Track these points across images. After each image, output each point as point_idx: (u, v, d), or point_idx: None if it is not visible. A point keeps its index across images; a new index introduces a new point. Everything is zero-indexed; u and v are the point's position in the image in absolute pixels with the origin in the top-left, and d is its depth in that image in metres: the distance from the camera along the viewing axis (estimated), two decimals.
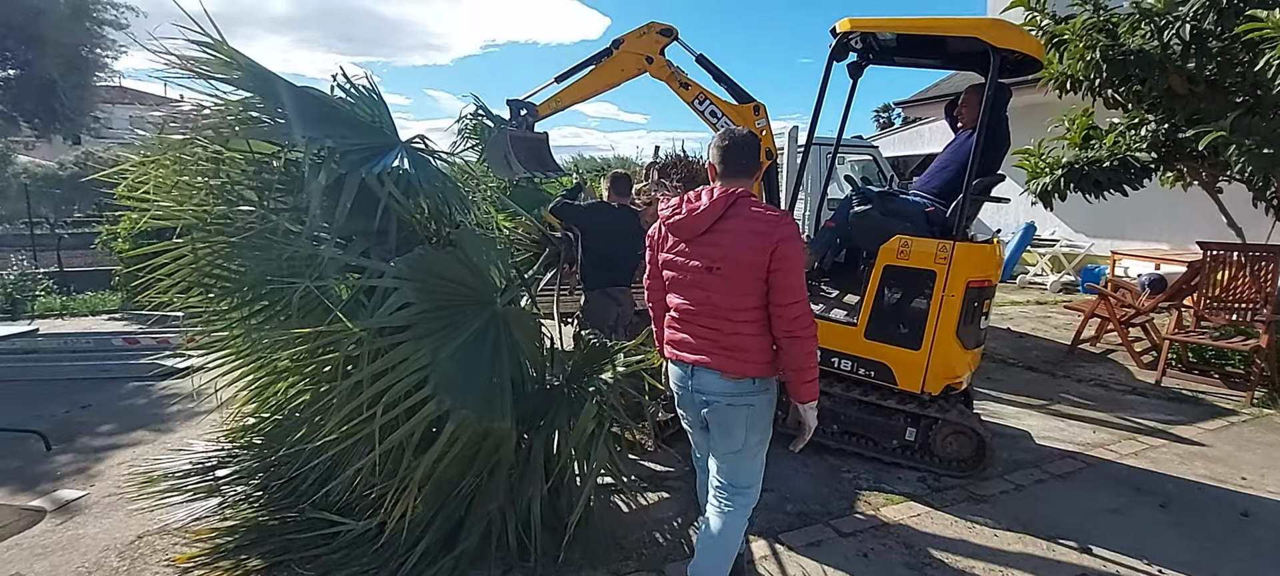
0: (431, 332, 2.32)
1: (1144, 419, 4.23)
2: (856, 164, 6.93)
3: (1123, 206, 5.57)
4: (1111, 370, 5.36)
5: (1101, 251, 8.91)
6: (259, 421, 3.23)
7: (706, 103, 4.10)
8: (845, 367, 3.51)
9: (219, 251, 2.83)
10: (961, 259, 3.21)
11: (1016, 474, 3.41)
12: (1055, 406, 4.48)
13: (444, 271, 2.49)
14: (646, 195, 5.06)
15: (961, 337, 3.30)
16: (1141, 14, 4.50)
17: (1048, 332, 6.68)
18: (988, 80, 3.22)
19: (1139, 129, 4.98)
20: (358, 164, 2.37)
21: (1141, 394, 4.75)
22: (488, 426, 2.27)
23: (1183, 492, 3.22)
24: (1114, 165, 4.89)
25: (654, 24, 4.21)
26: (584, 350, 2.89)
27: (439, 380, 2.22)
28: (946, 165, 3.61)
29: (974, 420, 3.40)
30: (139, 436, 3.90)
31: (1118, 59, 4.49)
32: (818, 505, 3.07)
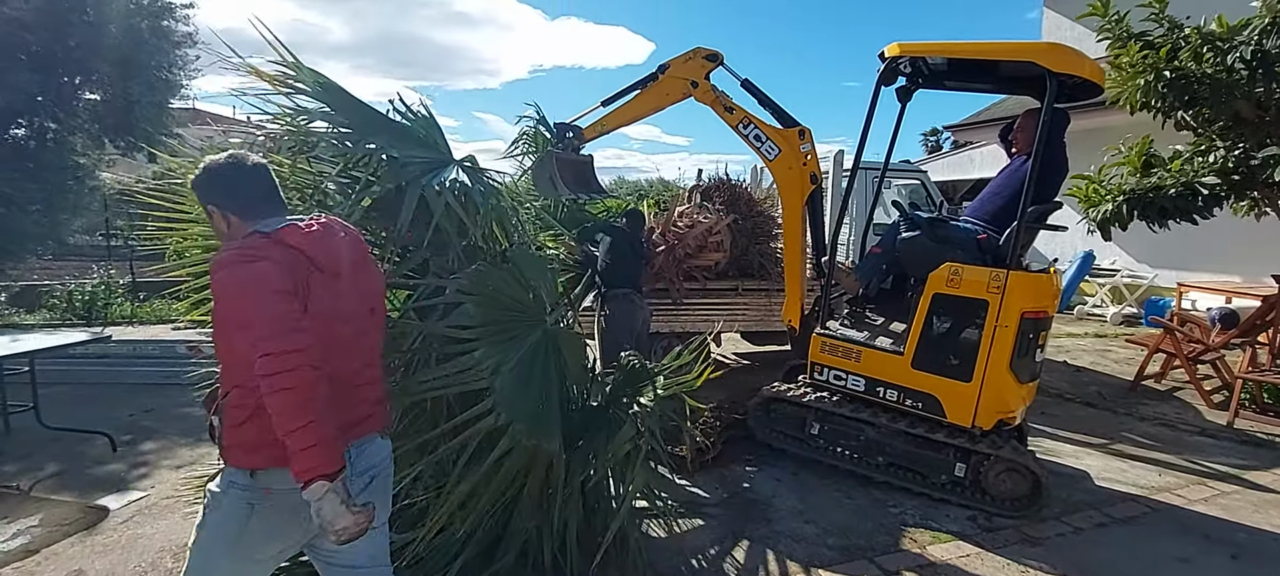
0: (494, 346, 2.36)
1: (1214, 462, 3.96)
2: (904, 188, 6.80)
3: (1189, 236, 5.28)
4: (1178, 409, 5.06)
5: (1166, 283, 8.46)
6: None
7: (751, 127, 4.10)
8: (891, 397, 3.42)
9: None
10: (1016, 288, 3.10)
11: (1074, 516, 3.24)
12: (1116, 446, 4.24)
13: (502, 287, 2.53)
14: (689, 218, 5.06)
15: (1015, 371, 3.18)
16: (1202, 39, 4.31)
17: (1108, 367, 6.36)
18: (1043, 105, 3.13)
19: (1207, 155, 4.73)
20: (418, 176, 2.45)
21: (1211, 436, 4.47)
22: (537, 444, 2.29)
23: (1257, 543, 3.00)
24: (1180, 192, 4.64)
25: (700, 49, 4.24)
26: (624, 370, 2.89)
27: (499, 394, 2.25)
28: (999, 191, 3.51)
29: (1028, 457, 3.25)
30: (197, 440, 4.07)
31: (1179, 83, 4.30)
32: (861, 540, 2.98)
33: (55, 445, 3.82)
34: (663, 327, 4.91)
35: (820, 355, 3.63)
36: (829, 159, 6.28)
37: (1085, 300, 9.36)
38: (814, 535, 3.01)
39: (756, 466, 3.72)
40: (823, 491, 3.46)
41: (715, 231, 4.98)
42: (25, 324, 7.80)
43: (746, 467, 3.70)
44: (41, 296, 8.66)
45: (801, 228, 4.06)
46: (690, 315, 5.04)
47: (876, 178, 4.38)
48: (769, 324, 5.15)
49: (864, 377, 3.49)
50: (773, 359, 5.84)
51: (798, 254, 4.07)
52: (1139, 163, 4.83)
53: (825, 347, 3.62)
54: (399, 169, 2.43)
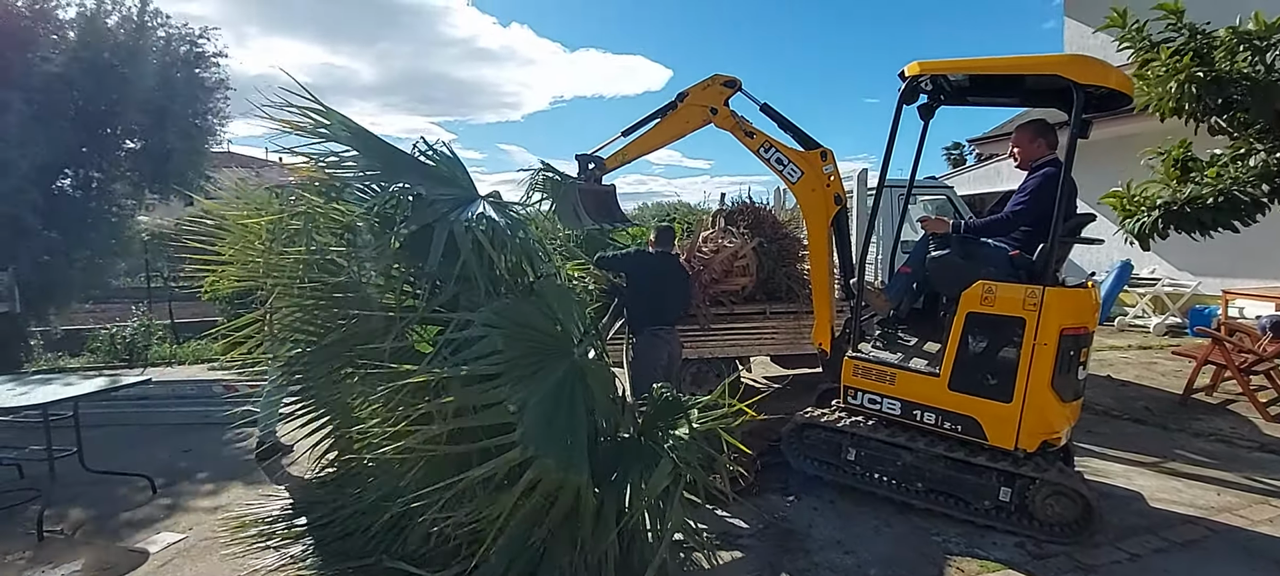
0: (520, 380, 2.36)
1: (1275, 480, 3.77)
2: (930, 204, 6.70)
3: (1233, 242, 5.09)
4: (1233, 423, 4.84)
5: (1210, 290, 8.17)
6: (341, 471, 3.35)
7: (772, 150, 4.09)
8: (929, 421, 3.32)
9: (309, 310, 3.01)
10: (1053, 305, 3.01)
11: (1130, 541, 3.09)
12: (1170, 464, 4.06)
13: (529, 320, 2.54)
14: (714, 242, 5.04)
15: (1058, 389, 3.08)
16: (1239, 38, 4.20)
17: (1154, 380, 6.12)
18: (1072, 117, 3.06)
19: (1247, 159, 4.58)
20: (446, 212, 2.48)
21: (1272, 451, 4.25)
22: (565, 477, 2.27)
23: None
24: (1219, 201, 4.49)
25: (717, 76, 4.27)
26: (657, 403, 2.87)
27: (526, 427, 2.25)
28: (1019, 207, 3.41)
29: (1077, 479, 3.13)
30: (233, 481, 4.12)
31: (1214, 84, 4.18)
32: (904, 571, 2.88)
33: (97, 488, 3.90)
34: (691, 354, 4.87)
35: (853, 379, 3.56)
36: (851, 178, 6.23)
37: (1126, 311, 9.08)
38: (855, 566, 2.92)
39: (793, 494, 3.63)
40: (861, 519, 3.36)
41: (741, 255, 4.95)
42: (70, 367, 8.05)
43: (785, 497, 3.61)
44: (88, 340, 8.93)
45: (828, 249, 4.01)
46: (718, 341, 4.99)
47: (902, 195, 4.33)
48: (798, 347, 5.07)
49: (899, 401, 3.41)
50: (804, 382, 5.74)
51: (825, 275, 4.01)
52: (1174, 173, 4.69)
53: (858, 371, 3.54)
54: (427, 207, 2.47)
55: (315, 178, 2.79)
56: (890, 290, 3.79)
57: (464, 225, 2.43)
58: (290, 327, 3.14)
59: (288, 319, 3.14)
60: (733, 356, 5.17)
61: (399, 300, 2.79)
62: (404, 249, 2.68)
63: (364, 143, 2.70)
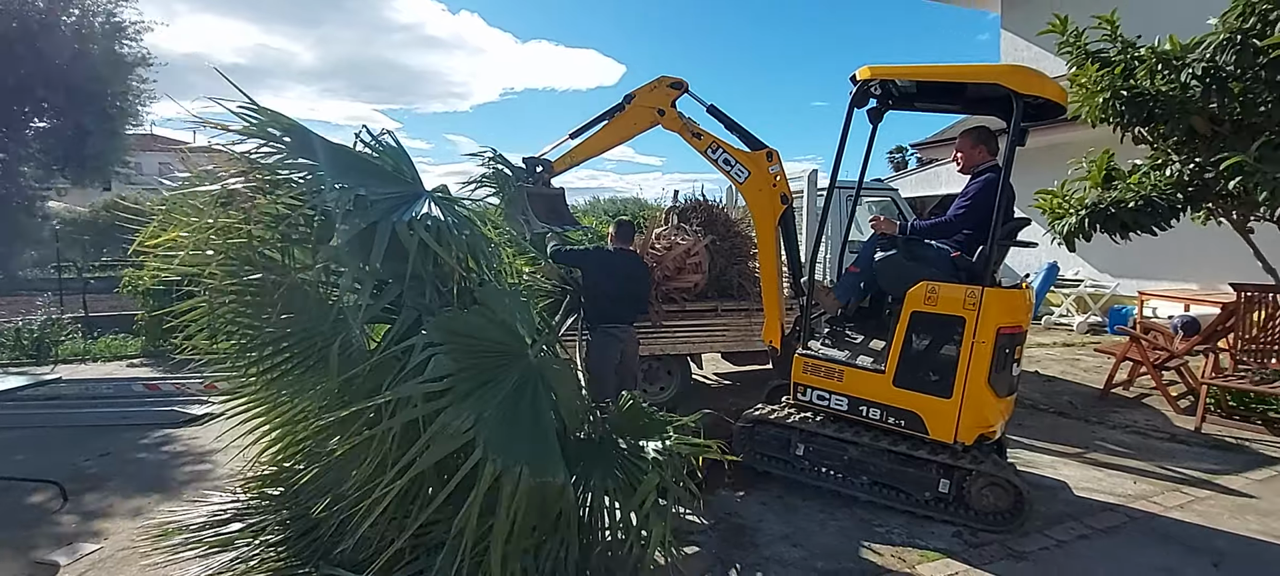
0: (470, 393, 2.29)
1: (1187, 468, 4.05)
2: (875, 205, 6.90)
3: (1148, 246, 5.46)
4: (1148, 416, 5.18)
5: (1127, 291, 8.74)
6: (278, 473, 3.18)
7: (719, 151, 4.12)
8: (874, 416, 3.42)
9: (243, 304, 2.84)
10: (991, 305, 3.14)
11: (1056, 528, 3.26)
12: (1092, 455, 4.31)
13: (471, 330, 2.47)
14: (667, 239, 5.05)
15: (994, 385, 3.21)
16: (1158, 58, 4.49)
17: (1077, 376, 6.50)
18: (1011, 125, 3.20)
19: (1163, 169, 4.91)
20: (388, 212, 2.39)
21: (1182, 441, 4.57)
22: (543, 480, 2.21)
23: (1237, 550, 3.05)
24: (1139, 205, 4.80)
25: (664, 78, 4.28)
26: (622, 409, 2.85)
27: (488, 439, 2.18)
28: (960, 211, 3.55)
29: (1010, 471, 3.27)
30: (155, 486, 3.87)
31: (1137, 99, 4.46)
32: (850, 563, 2.95)
33: (2, 497, 3.59)
34: (642, 351, 4.86)
35: (803, 376, 3.62)
36: (799, 178, 6.35)
37: (1052, 310, 9.60)
38: (802, 559, 2.97)
39: (742, 490, 3.67)
40: (808, 513, 3.43)
41: (693, 253, 4.97)
42: None
43: (735, 493, 3.65)
44: None
45: (776, 248, 4.07)
46: (670, 337, 5.00)
47: (850, 197, 4.43)
48: (749, 344, 5.14)
49: (847, 397, 3.49)
50: (754, 378, 5.82)
51: (773, 274, 4.07)
52: (1100, 177, 4.99)
53: (808, 368, 3.61)
54: (368, 206, 2.37)
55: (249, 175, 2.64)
56: (839, 289, 3.88)
57: (405, 225, 2.34)
58: (224, 321, 2.96)
59: (221, 312, 2.96)
60: (685, 353, 5.19)
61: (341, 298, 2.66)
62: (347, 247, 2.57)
63: (302, 140, 2.57)
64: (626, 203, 15.47)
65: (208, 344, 3.00)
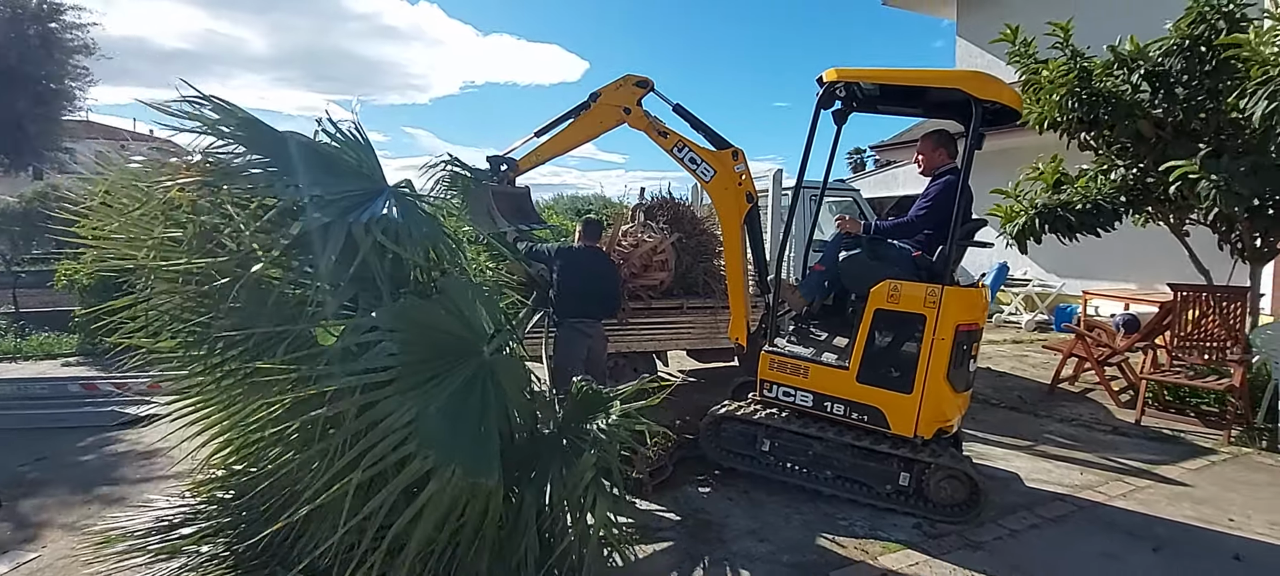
0: (417, 386, 2.23)
1: (1128, 459, 4.26)
2: (837, 205, 7.04)
3: (1092, 247, 5.73)
4: (1092, 409, 5.42)
5: (1073, 291, 9.13)
6: (228, 475, 3.06)
7: (685, 150, 4.14)
8: (838, 412, 3.48)
9: (191, 300, 2.72)
10: (950, 303, 3.23)
11: (1009, 518, 3.38)
12: (1041, 447, 4.49)
13: (429, 321, 2.41)
14: (633, 237, 5.04)
15: (952, 381, 3.31)
16: (1116, 58, 4.69)
17: (1027, 372, 6.76)
18: (970, 129, 3.30)
19: (1108, 174, 5.15)
20: (345, 212, 2.31)
21: (1123, 433, 4.80)
22: (474, 482, 2.17)
23: (1174, 536, 3.22)
24: (1086, 208, 5.03)
25: (630, 77, 4.28)
26: (577, 397, 2.81)
27: (425, 435, 2.13)
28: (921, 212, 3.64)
29: (967, 464, 3.38)
30: (96, 491, 3.68)
31: (1089, 101, 4.66)
32: (814, 555, 3.00)
33: None
34: (609, 347, 4.84)
35: (769, 372, 3.67)
36: (764, 178, 6.43)
37: (1002, 309, 9.96)
38: (768, 553, 3.01)
39: (709, 486, 3.70)
40: (774, 508, 3.47)
41: (660, 250, 4.97)
42: None
43: (700, 489, 3.67)
44: None
45: (742, 246, 4.11)
46: (636, 335, 5.00)
47: (815, 197, 4.50)
48: (715, 341, 5.18)
49: (812, 393, 3.55)
50: (720, 376, 5.87)
51: (739, 272, 4.11)
52: (1052, 180, 5.20)
53: (774, 365, 3.65)
54: (325, 205, 2.30)
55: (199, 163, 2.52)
56: (804, 287, 3.94)
57: (361, 226, 2.27)
58: (169, 317, 2.82)
59: (166, 308, 2.82)
60: (650, 350, 5.19)
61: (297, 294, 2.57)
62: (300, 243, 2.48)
63: (256, 135, 2.47)
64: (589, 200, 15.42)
65: (151, 342, 2.86)
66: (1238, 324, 4.93)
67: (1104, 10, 6.42)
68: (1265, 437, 4.52)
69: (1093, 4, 7.47)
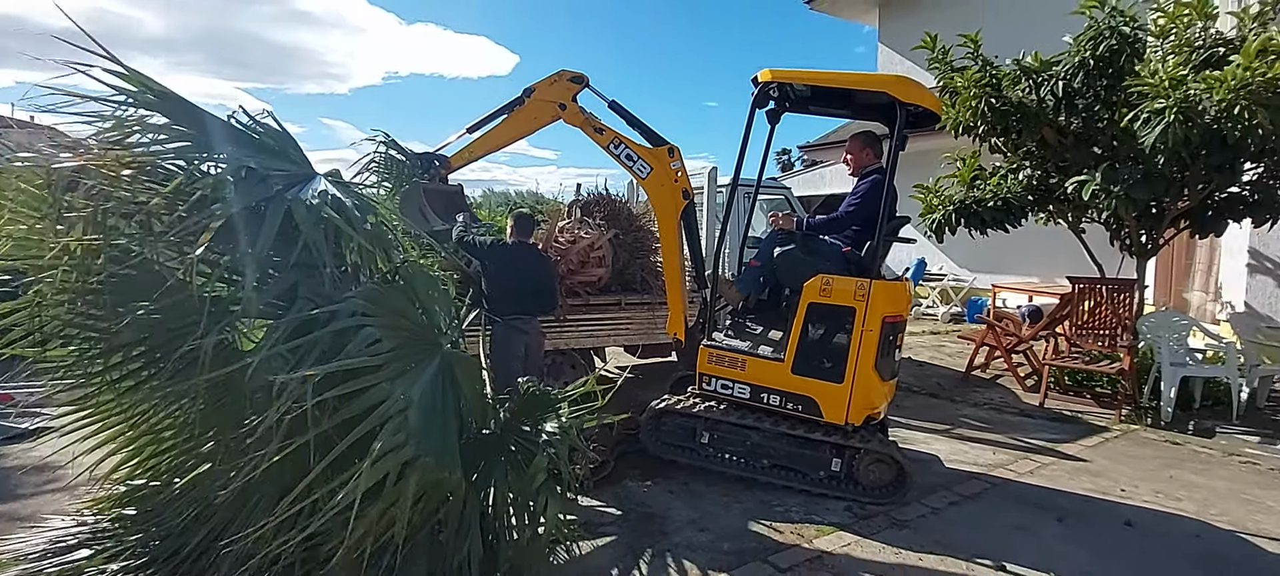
0: (403, 373, 2.13)
1: (1034, 438, 4.60)
2: (770, 203, 7.24)
3: (1000, 243, 6.16)
4: (1002, 394, 5.83)
5: (983, 285, 9.77)
6: (135, 491, 2.83)
7: (621, 147, 4.16)
8: (774, 402, 3.58)
9: (88, 304, 2.49)
10: (878, 295, 3.39)
11: (931, 497, 3.59)
12: (958, 430, 4.79)
13: (401, 309, 2.32)
14: (570, 233, 5.01)
15: (879, 370, 3.47)
16: (1022, 71, 5.06)
17: (944, 360, 7.19)
18: (895, 130, 3.47)
19: (1017, 174, 5.55)
20: (282, 190, 2.17)
21: (1029, 415, 5.19)
22: (444, 476, 2.11)
23: (1075, 506, 3.51)
24: (997, 205, 5.40)
25: (564, 72, 4.26)
26: (523, 398, 2.77)
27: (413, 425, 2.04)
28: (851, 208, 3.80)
29: (892, 448, 3.56)
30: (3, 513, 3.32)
31: (1001, 110, 5.02)
32: (753, 542, 3.08)
33: None
34: (546, 345, 4.80)
35: (708, 366, 3.74)
36: (699, 175, 6.54)
37: (920, 302, 10.54)
38: (709, 541, 3.07)
39: (650, 480, 3.73)
40: (713, 498, 3.54)
41: (597, 247, 4.96)
42: None
43: (641, 482, 3.70)
44: None
45: (678, 242, 4.16)
46: (574, 332, 4.97)
47: (748, 194, 4.62)
48: (653, 337, 5.22)
49: (749, 385, 3.64)
50: (658, 371, 5.92)
51: (677, 268, 4.17)
52: (968, 178, 5.56)
53: (712, 358, 3.72)
54: (258, 182, 2.15)
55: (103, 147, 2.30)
56: (740, 282, 4.03)
57: (306, 204, 2.14)
58: (65, 323, 2.57)
59: (60, 313, 2.57)
60: (589, 347, 5.18)
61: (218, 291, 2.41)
62: (223, 232, 2.32)
63: (173, 107, 2.29)
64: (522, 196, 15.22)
65: (37, 352, 2.60)
66: (1126, 313, 5.41)
67: (1011, 21, 6.90)
68: (1150, 415, 5.00)
69: (1000, 15, 8.01)
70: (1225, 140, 4.21)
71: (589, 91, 4.24)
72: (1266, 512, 3.47)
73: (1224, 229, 5.17)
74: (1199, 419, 5.03)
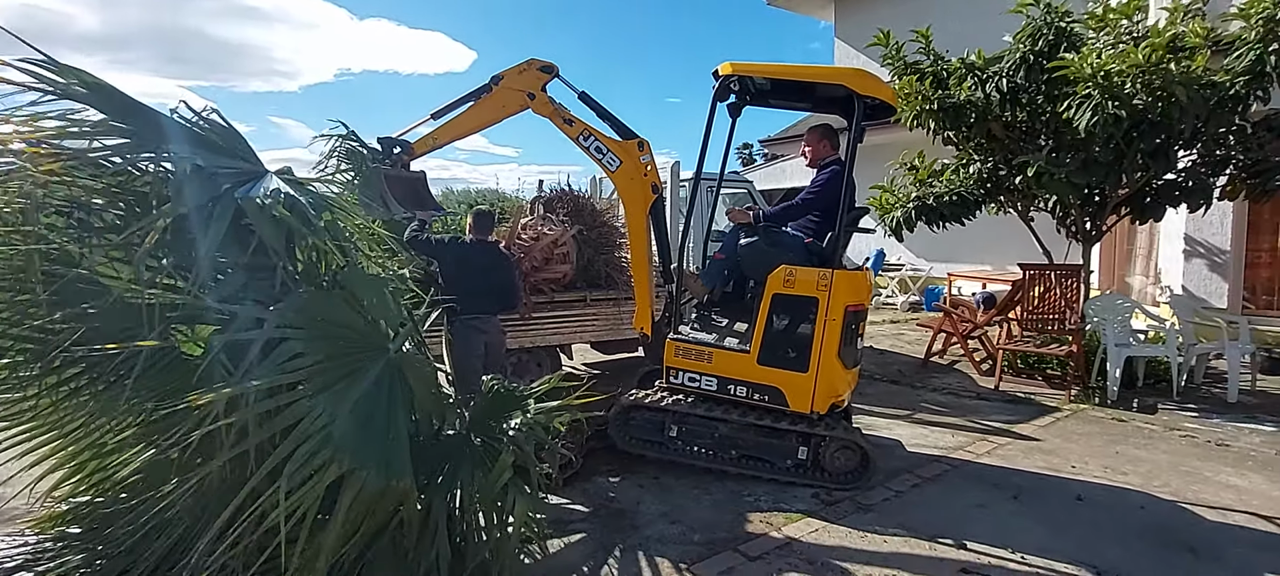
0: (329, 386, 2.07)
1: (990, 420, 4.76)
2: (732, 197, 7.31)
3: (956, 234, 6.34)
4: (959, 378, 6.01)
5: (939, 274, 10.06)
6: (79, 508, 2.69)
7: (591, 139, 4.12)
8: (741, 394, 3.62)
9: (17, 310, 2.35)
10: (840, 285, 3.45)
11: (895, 481, 3.68)
12: (919, 415, 4.92)
13: (336, 316, 2.24)
14: (533, 230, 4.96)
15: (842, 358, 3.53)
16: (967, 69, 5.22)
17: (903, 348, 7.37)
18: (853, 123, 3.53)
19: (968, 167, 5.72)
20: (231, 188, 2.09)
21: (985, 398, 5.36)
22: (386, 485, 2.05)
23: (1029, 484, 3.65)
24: (952, 199, 5.56)
25: (534, 61, 4.20)
26: (488, 396, 2.73)
27: (341, 439, 1.98)
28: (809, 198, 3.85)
29: (857, 435, 3.63)
30: None
31: (950, 107, 5.17)
32: (724, 532, 3.10)
33: None
34: (512, 343, 4.75)
35: (675, 359, 3.75)
36: (665, 170, 6.55)
37: (880, 292, 10.79)
38: (680, 534, 3.08)
39: (619, 475, 3.73)
40: (683, 491, 3.56)
41: (561, 243, 4.93)
42: None
43: (609, 478, 3.69)
44: None
45: (646, 236, 4.16)
46: (540, 329, 4.93)
47: (711, 187, 4.65)
48: (619, 333, 5.21)
49: (716, 377, 3.66)
50: (624, 366, 5.93)
51: (644, 262, 4.16)
52: (926, 175, 5.72)
53: (679, 352, 3.74)
54: (207, 179, 2.06)
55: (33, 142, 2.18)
56: (706, 275, 4.06)
57: (259, 202, 2.06)
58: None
59: None
60: (555, 344, 5.15)
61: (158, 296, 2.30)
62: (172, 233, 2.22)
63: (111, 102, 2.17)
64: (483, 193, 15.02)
65: None
66: (1074, 297, 5.63)
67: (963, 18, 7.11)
68: (1098, 394, 5.22)
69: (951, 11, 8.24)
70: (1154, 121, 4.43)
71: (559, 82, 4.19)
72: (1204, 482, 3.66)
73: (1162, 215, 5.43)
74: (1142, 396, 5.28)
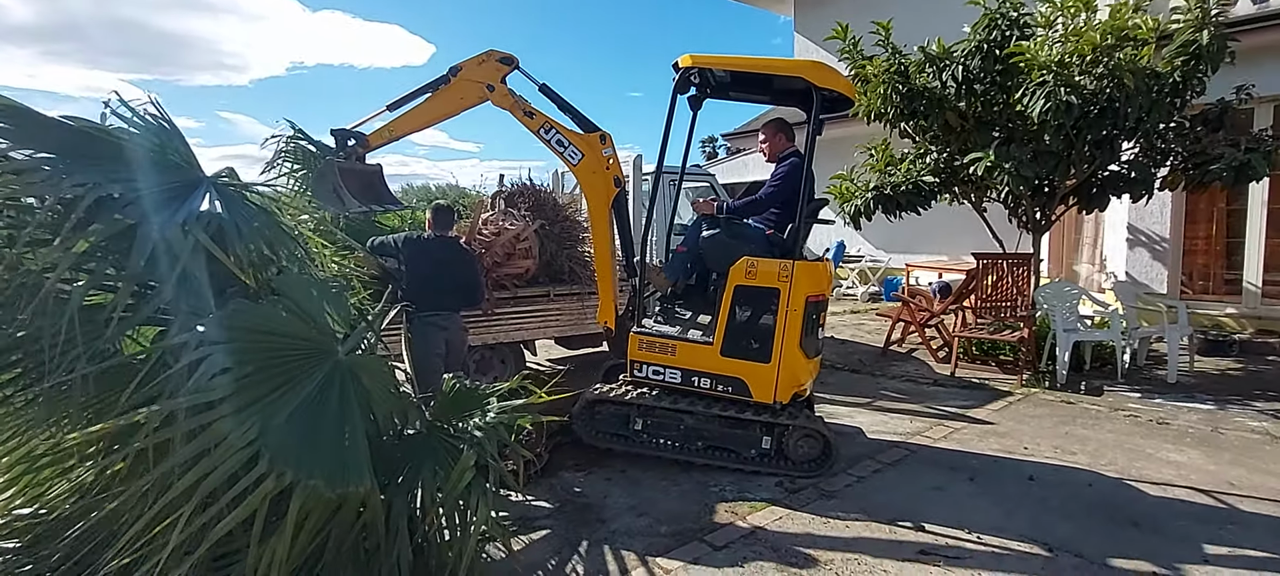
0: (258, 399, 1.99)
1: (946, 406, 4.90)
2: (694, 191, 7.34)
3: (912, 224, 6.50)
4: (917, 366, 6.17)
5: (897, 264, 10.30)
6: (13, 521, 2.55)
7: (552, 132, 4.08)
8: (705, 385, 3.64)
9: None
10: (801, 276, 3.49)
11: (856, 467, 3.75)
12: (878, 402, 5.03)
13: (268, 325, 2.17)
14: (495, 225, 4.89)
15: (804, 348, 3.58)
16: (927, 58, 5.33)
17: (864, 338, 7.53)
18: (812, 115, 3.57)
19: (924, 158, 5.86)
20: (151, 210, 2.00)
21: (941, 385, 5.52)
22: (342, 492, 1.99)
23: (984, 466, 3.76)
24: (909, 189, 5.68)
25: (494, 52, 4.12)
26: (449, 394, 2.68)
27: (276, 450, 1.91)
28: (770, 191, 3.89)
29: (819, 423, 3.69)
30: None
31: (908, 96, 5.28)
32: (691, 522, 3.12)
33: None
34: (474, 340, 4.68)
35: (639, 353, 3.74)
36: (627, 164, 6.53)
37: (841, 283, 10.99)
38: (647, 526, 3.08)
39: (585, 470, 3.72)
40: (650, 483, 3.57)
41: (523, 238, 4.87)
42: None
43: (576, 472, 3.68)
44: None
45: (609, 230, 4.14)
46: (502, 325, 4.87)
47: (673, 181, 4.65)
48: (582, 327, 5.18)
49: (680, 370, 3.67)
50: (589, 362, 5.90)
51: (608, 256, 4.14)
52: (882, 165, 5.83)
53: (643, 345, 3.74)
54: (123, 208, 1.98)
55: None
56: (668, 269, 4.06)
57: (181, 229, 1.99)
58: None
59: None
60: (518, 341, 5.09)
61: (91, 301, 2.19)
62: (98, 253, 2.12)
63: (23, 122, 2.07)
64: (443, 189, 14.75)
65: None
66: (1025, 285, 5.83)
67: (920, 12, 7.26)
68: (1048, 378, 5.42)
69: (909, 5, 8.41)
70: (1103, 109, 4.61)
71: (519, 74, 4.13)
72: (1146, 459, 3.84)
73: (1107, 204, 5.66)
74: (1089, 379, 5.50)
